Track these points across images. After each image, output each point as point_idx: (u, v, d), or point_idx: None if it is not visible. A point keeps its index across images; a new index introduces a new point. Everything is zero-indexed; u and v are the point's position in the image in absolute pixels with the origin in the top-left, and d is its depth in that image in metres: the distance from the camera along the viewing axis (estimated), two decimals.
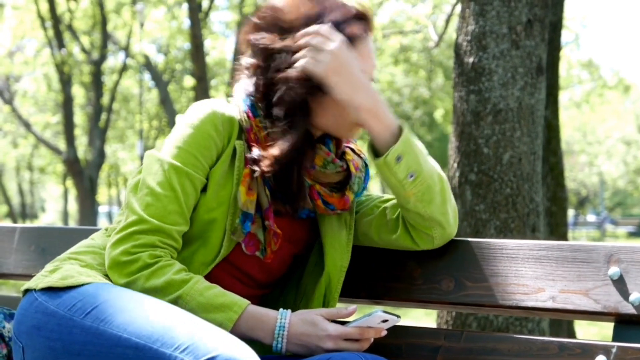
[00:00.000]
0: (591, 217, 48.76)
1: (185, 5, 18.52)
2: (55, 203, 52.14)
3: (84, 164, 21.59)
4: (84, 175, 21.23)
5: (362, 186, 1.96)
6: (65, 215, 37.54)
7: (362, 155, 1.99)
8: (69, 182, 29.41)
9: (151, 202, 1.78)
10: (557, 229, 6.80)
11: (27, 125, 23.00)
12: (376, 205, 2.01)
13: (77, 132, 23.85)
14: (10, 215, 34.85)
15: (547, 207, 6.72)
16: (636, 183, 43.98)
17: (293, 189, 1.83)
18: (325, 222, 1.96)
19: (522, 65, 3.98)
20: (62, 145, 22.90)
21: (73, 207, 37.83)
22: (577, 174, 41.61)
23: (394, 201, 1.97)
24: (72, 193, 31.28)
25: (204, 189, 1.83)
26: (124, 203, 1.88)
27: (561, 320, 6.25)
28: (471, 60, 4.02)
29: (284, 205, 1.89)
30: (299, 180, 1.84)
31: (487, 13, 3.99)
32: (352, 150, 1.99)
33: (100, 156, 21.86)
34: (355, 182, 1.93)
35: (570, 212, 45.15)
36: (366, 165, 2.00)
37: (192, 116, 1.85)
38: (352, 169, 1.93)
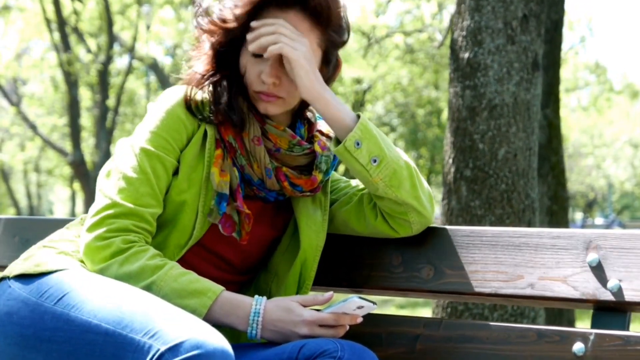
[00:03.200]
0: (599, 220, 48.60)
1: (191, 7, 18.54)
2: (63, 205, 52.22)
3: (91, 166, 21.58)
4: (90, 178, 21.24)
5: (330, 164, 1.95)
6: (72, 218, 37.54)
7: (331, 137, 1.98)
8: (76, 185, 29.42)
9: (124, 186, 1.78)
10: (558, 228, 6.78)
11: (33, 128, 23.01)
12: (354, 193, 2.01)
13: (84, 134, 23.83)
14: None
15: (548, 206, 6.70)
16: None
17: (225, 102, 1.83)
18: (300, 203, 1.96)
19: (517, 60, 3.96)
20: (69, 147, 22.89)
21: (81, 209, 37.89)
22: (584, 177, 41.45)
23: None
24: (80, 195, 31.30)
25: (176, 172, 1.83)
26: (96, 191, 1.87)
27: (561, 318, 6.22)
28: (466, 55, 4.00)
29: (251, 188, 1.89)
30: (231, 99, 1.83)
31: (482, 8, 3.97)
32: (321, 132, 1.98)
33: (107, 158, 21.76)
34: (322, 161, 1.93)
35: (579, 215, 45.02)
36: None
37: (162, 101, 1.86)
38: (318, 148, 1.92)
